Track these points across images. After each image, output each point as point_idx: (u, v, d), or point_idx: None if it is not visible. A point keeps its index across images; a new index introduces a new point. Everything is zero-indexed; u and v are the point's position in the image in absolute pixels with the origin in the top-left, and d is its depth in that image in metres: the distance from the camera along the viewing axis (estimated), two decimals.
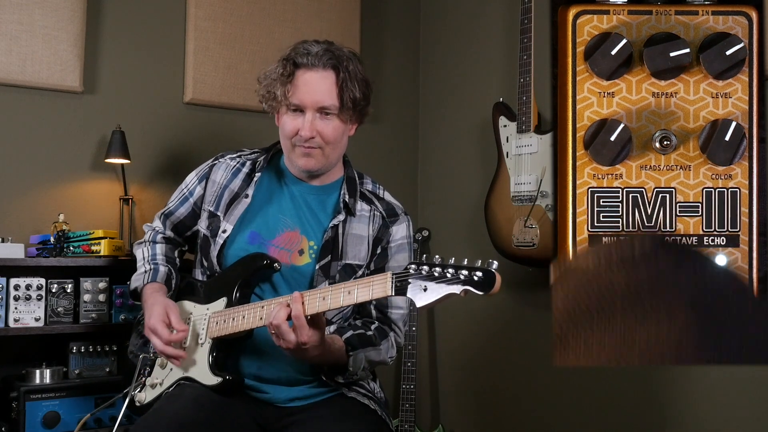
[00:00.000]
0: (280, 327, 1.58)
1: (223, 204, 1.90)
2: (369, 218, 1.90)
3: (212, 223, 1.90)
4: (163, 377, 1.82)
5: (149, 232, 2.03)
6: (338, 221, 1.86)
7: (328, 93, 1.79)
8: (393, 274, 1.49)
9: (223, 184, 1.93)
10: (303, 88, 1.79)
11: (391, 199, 1.97)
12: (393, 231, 1.90)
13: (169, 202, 2.02)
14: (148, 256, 1.96)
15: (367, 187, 1.96)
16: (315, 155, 1.82)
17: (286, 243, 1.85)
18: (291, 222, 1.87)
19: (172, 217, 2.00)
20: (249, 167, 1.94)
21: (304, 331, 1.58)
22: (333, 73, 1.79)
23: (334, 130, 1.81)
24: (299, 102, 1.79)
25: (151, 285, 1.88)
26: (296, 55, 1.80)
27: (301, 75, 1.79)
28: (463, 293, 1.42)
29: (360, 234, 1.88)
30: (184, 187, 2.00)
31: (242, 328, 1.71)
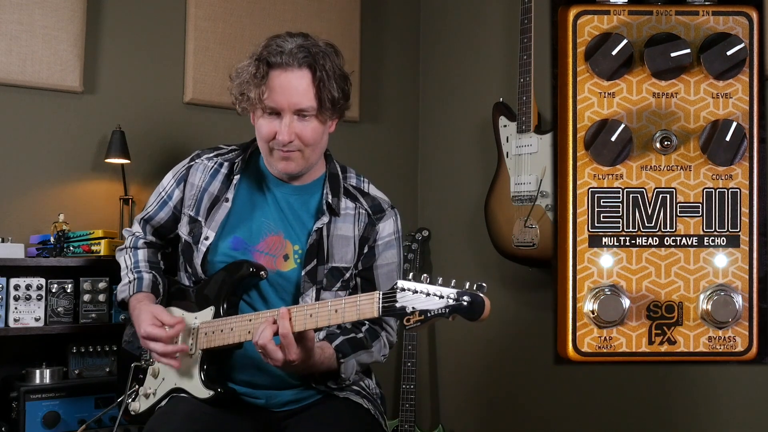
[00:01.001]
0: (266, 347, 1.54)
1: (204, 209, 1.84)
2: (354, 216, 1.84)
3: (194, 229, 1.85)
4: (156, 387, 1.81)
5: (130, 238, 1.98)
6: (322, 224, 1.80)
7: (305, 94, 1.70)
8: (380, 294, 1.46)
9: (202, 187, 1.87)
10: (278, 90, 1.70)
11: (377, 193, 1.90)
12: (380, 228, 1.85)
13: (148, 206, 1.97)
14: (131, 264, 1.91)
15: (351, 182, 1.89)
16: (294, 158, 1.76)
17: (270, 248, 1.80)
18: (274, 226, 1.82)
19: (153, 222, 1.96)
20: (227, 168, 1.87)
21: (292, 348, 1.54)
22: (309, 72, 1.70)
23: (313, 131, 1.74)
24: (275, 105, 1.71)
25: (136, 296, 1.84)
26: (269, 54, 1.71)
27: (276, 76, 1.70)
28: (451, 318, 1.38)
29: (345, 235, 1.82)
30: (161, 190, 1.94)
31: (231, 341, 1.68)
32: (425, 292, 1.39)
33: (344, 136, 2.92)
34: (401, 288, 1.42)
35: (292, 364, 1.56)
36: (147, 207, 1.98)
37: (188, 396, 1.74)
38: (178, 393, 1.77)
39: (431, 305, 1.38)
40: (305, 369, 1.63)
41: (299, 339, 1.55)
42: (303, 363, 1.58)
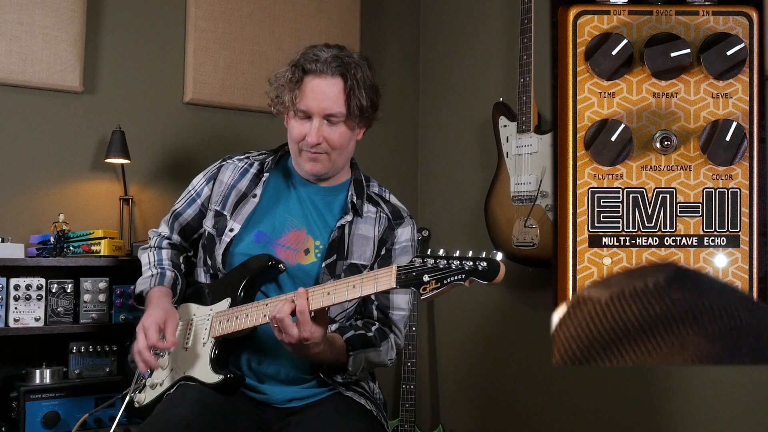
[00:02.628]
0: (283, 320, 1.59)
1: (230, 204, 1.92)
2: (375, 219, 1.92)
3: (218, 222, 1.91)
4: (164, 378, 1.82)
5: (155, 238, 2.04)
6: (345, 221, 1.88)
7: (335, 100, 1.80)
8: (397, 267, 1.50)
9: (231, 184, 1.95)
10: (310, 95, 1.80)
11: (396, 203, 1.99)
12: (398, 233, 1.92)
13: (177, 204, 2.04)
14: (154, 260, 1.97)
15: (373, 190, 1.99)
16: (321, 160, 1.85)
17: (292, 242, 1.87)
18: (297, 222, 1.89)
19: (181, 219, 2.01)
20: (257, 168, 1.96)
21: (307, 326, 1.59)
22: (341, 80, 1.81)
23: (340, 136, 1.83)
24: (306, 108, 1.81)
25: (158, 288, 1.88)
26: (305, 62, 1.82)
27: (309, 81, 1.81)
28: (468, 283, 1.43)
29: (366, 234, 1.89)
30: (191, 189, 2.02)
31: (246, 326, 1.72)
32: (441, 262, 1.45)
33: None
34: (419, 260, 1.47)
35: (305, 342, 1.60)
36: (176, 205, 2.04)
37: (197, 383, 1.76)
38: (187, 381, 1.79)
39: (447, 272, 1.44)
40: (316, 354, 1.66)
41: (315, 318, 1.60)
42: (315, 345, 1.62)
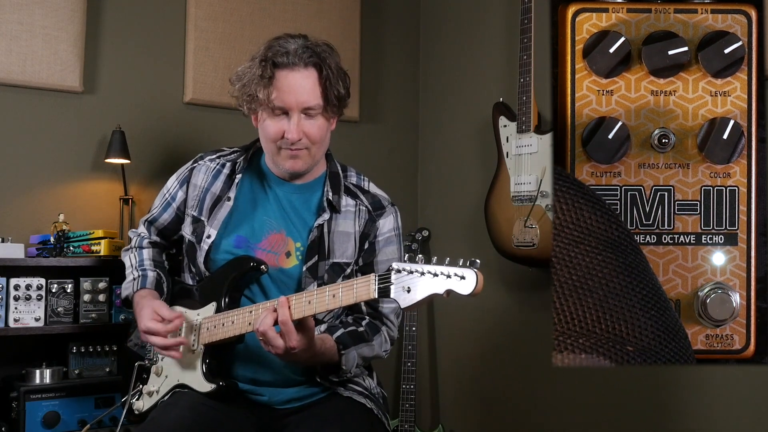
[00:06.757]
0: (266, 333, 1.57)
1: (206, 208, 1.89)
2: (354, 213, 1.88)
3: (197, 229, 1.89)
4: (159, 385, 1.82)
5: (135, 238, 2.03)
6: (323, 220, 1.84)
7: (312, 92, 1.76)
8: (376, 276, 1.48)
9: (204, 187, 1.91)
10: (286, 90, 1.75)
11: (377, 191, 1.94)
12: (380, 224, 1.88)
13: (152, 208, 2.02)
14: (135, 262, 1.96)
15: (351, 181, 1.93)
16: (302, 156, 1.81)
17: (273, 246, 1.84)
18: (276, 224, 1.86)
19: (157, 224, 2.00)
20: (229, 168, 1.92)
21: (292, 336, 1.57)
22: (315, 71, 1.76)
23: (319, 129, 1.79)
24: (283, 104, 1.76)
25: (139, 292, 1.87)
26: (274, 55, 1.75)
27: (284, 77, 1.75)
28: (446, 294, 1.40)
29: (346, 231, 1.86)
30: (165, 192, 1.99)
31: (232, 334, 1.71)
32: (420, 271, 1.42)
33: (344, 136, 2.92)
34: (396, 269, 1.44)
35: (292, 351, 1.58)
36: (152, 209, 2.02)
37: (191, 391, 1.75)
38: (181, 389, 1.78)
39: (426, 283, 1.41)
40: (306, 359, 1.65)
41: (299, 327, 1.58)
42: (304, 352, 1.61)
